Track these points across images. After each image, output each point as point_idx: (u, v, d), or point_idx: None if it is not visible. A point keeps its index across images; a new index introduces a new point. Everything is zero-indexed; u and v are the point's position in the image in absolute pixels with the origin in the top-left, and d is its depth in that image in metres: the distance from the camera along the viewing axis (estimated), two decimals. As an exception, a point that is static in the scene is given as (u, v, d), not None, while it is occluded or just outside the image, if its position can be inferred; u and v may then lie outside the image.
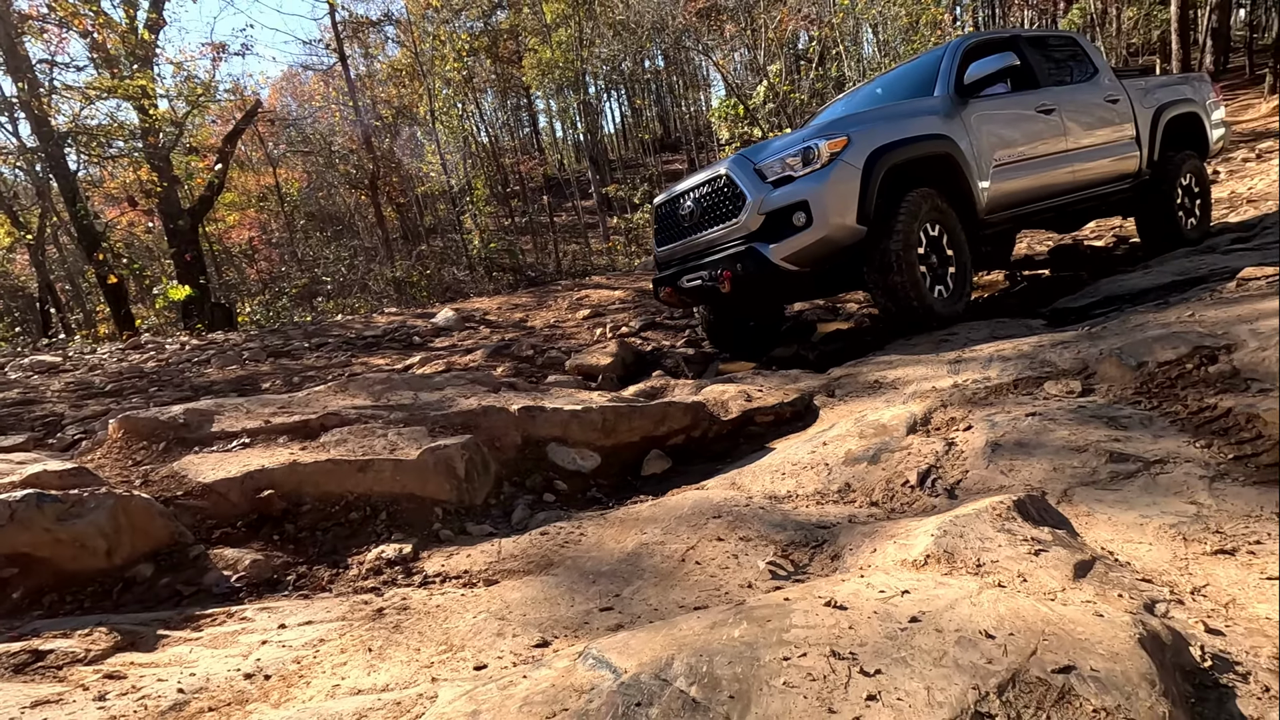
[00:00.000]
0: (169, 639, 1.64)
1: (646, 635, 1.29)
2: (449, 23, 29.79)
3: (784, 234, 3.83)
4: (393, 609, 1.73)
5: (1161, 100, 5.34)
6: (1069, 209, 4.97)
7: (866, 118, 4.15)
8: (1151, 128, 5.24)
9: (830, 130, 3.93)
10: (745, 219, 3.98)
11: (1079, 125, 4.82)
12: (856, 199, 3.78)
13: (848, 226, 3.80)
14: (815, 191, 3.75)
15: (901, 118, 4.17)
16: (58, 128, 11.44)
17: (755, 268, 3.89)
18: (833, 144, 3.80)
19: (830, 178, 3.76)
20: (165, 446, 2.56)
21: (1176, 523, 1.52)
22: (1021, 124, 4.58)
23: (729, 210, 4.13)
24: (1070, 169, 4.75)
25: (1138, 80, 5.39)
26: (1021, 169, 4.51)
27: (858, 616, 1.20)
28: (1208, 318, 2.49)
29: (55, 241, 22.00)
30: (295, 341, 7.63)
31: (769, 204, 3.90)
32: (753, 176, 4.00)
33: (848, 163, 3.79)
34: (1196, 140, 5.66)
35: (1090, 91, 5.03)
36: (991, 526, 1.48)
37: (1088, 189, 4.94)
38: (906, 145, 3.98)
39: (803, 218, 3.77)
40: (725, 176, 4.14)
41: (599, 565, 1.86)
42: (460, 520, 2.30)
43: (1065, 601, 1.21)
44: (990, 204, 4.36)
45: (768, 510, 2.04)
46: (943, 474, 2.04)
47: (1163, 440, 1.88)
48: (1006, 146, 4.45)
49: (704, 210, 4.33)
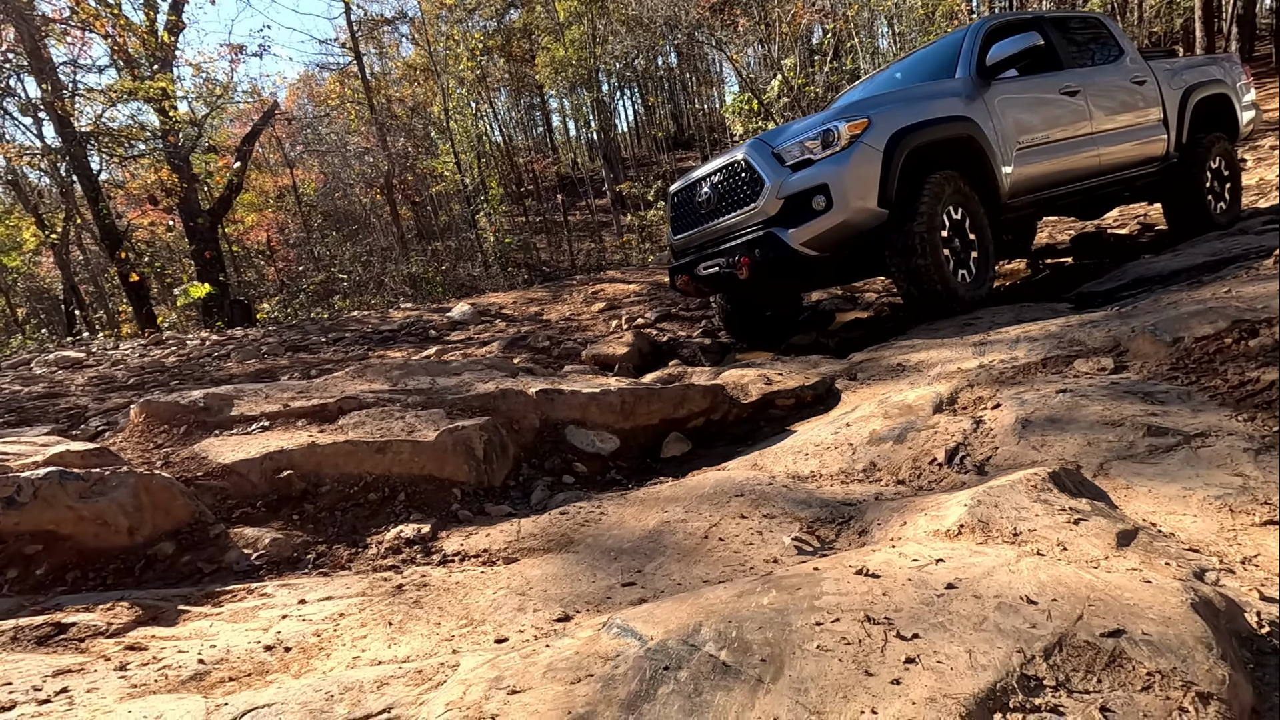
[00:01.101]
0: (190, 614, 1.63)
1: (673, 605, 1.26)
2: (463, 22, 29.93)
3: (803, 218, 3.75)
4: (412, 585, 1.71)
5: (1190, 81, 5.21)
6: (1094, 193, 4.85)
7: (887, 99, 4.08)
8: (1180, 110, 5.11)
9: (850, 112, 3.85)
10: (763, 203, 3.91)
11: (1104, 108, 4.71)
12: (878, 182, 3.70)
13: (869, 209, 3.73)
14: (835, 174, 3.68)
15: (923, 99, 4.08)
16: (80, 129, 11.62)
17: (774, 253, 3.82)
18: (853, 126, 3.72)
19: (851, 160, 3.68)
20: (186, 430, 2.56)
21: (1222, 494, 1.46)
22: (1045, 106, 4.48)
23: (747, 195, 4.05)
24: (1095, 152, 4.64)
25: (1165, 61, 5.26)
26: (1045, 152, 4.41)
27: (891, 584, 1.16)
28: (1245, 293, 2.41)
29: (79, 243, 22.39)
30: (312, 336, 7.68)
31: (788, 188, 3.82)
32: (771, 160, 3.92)
33: (869, 145, 3.72)
34: (1226, 122, 5.51)
35: (1115, 73, 4.91)
36: (1027, 497, 1.43)
37: (1113, 173, 4.82)
38: (929, 127, 3.90)
39: (822, 201, 3.70)
40: (743, 161, 4.07)
41: (620, 543, 1.83)
42: (479, 501, 2.28)
43: (1110, 569, 1.17)
44: (1013, 188, 4.26)
45: (791, 489, 1.99)
46: (972, 451, 1.99)
47: (1202, 414, 1.82)
48: (1030, 129, 4.35)
49: (721, 196, 4.25)
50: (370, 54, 24.91)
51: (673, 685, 0.94)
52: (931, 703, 0.84)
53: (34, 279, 25.11)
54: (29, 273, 23.83)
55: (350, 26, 15.03)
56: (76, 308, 18.42)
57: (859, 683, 0.90)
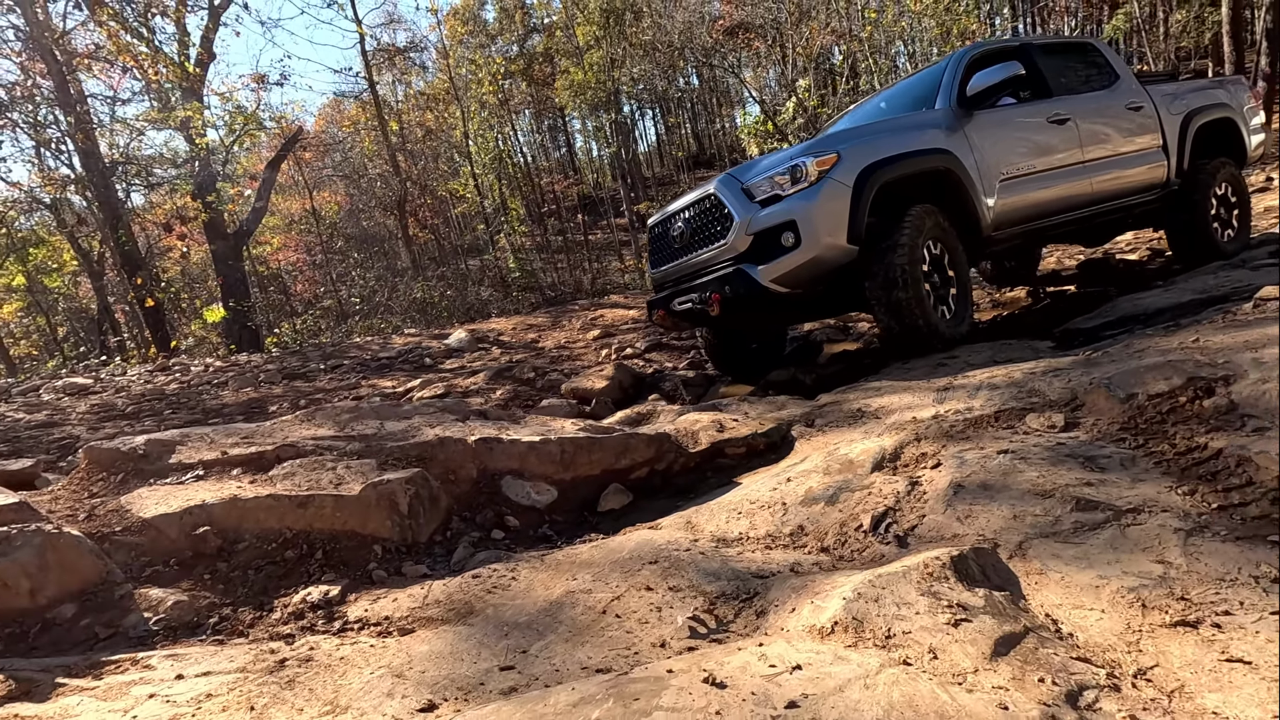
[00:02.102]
0: (64, 688, 1.59)
1: (511, 710, 1.17)
2: (485, 47, 30.55)
3: (773, 254, 3.68)
4: (295, 660, 1.65)
5: (1191, 106, 5.03)
6: (1089, 223, 4.69)
7: (861, 133, 4.00)
8: (1180, 135, 4.94)
9: (820, 147, 3.77)
10: (733, 240, 3.84)
11: (1096, 135, 4.57)
12: (847, 218, 3.62)
13: (838, 246, 3.64)
14: (804, 210, 3.60)
15: (898, 132, 3.99)
16: (108, 157, 12.02)
17: (744, 290, 3.74)
18: (821, 162, 3.65)
19: (819, 196, 3.61)
20: (122, 478, 2.55)
21: (1138, 585, 1.34)
22: (1031, 135, 4.35)
23: (717, 231, 3.99)
24: (1088, 181, 4.49)
25: (1165, 86, 5.08)
26: (1031, 182, 4.27)
27: (733, 698, 1.06)
28: (1212, 344, 2.27)
29: (116, 267, 23.12)
30: (312, 363, 7.75)
31: (757, 224, 3.76)
32: (740, 196, 3.86)
33: (837, 180, 3.64)
34: (1233, 147, 5.31)
35: (1109, 99, 4.77)
36: (915, 589, 1.32)
37: (1109, 201, 4.66)
38: (901, 161, 3.80)
39: (791, 238, 3.62)
40: (713, 196, 4.01)
41: (518, 615, 1.75)
42: (399, 559, 2.22)
43: (972, 687, 1.06)
44: (997, 220, 4.13)
45: (708, 556, 1.90)
46: (899, 518, 1.87)
47: (1141, 485, 1.69)
48: (1014, 159, 4.22)
49: (694, 231, 4.20)
50: (386, 82, 25.50)
51: (440, 831, 0.86)
52: None
53: (74, 299, 25.99)
54: (69, 293, 24.68)
55: (364, 57, 15.41)
56: (110, 328, 18.98)
57: (633, 839, 0.81)
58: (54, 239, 20.20)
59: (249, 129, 14.49)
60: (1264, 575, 1.31)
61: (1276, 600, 1.24)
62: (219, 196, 11.11)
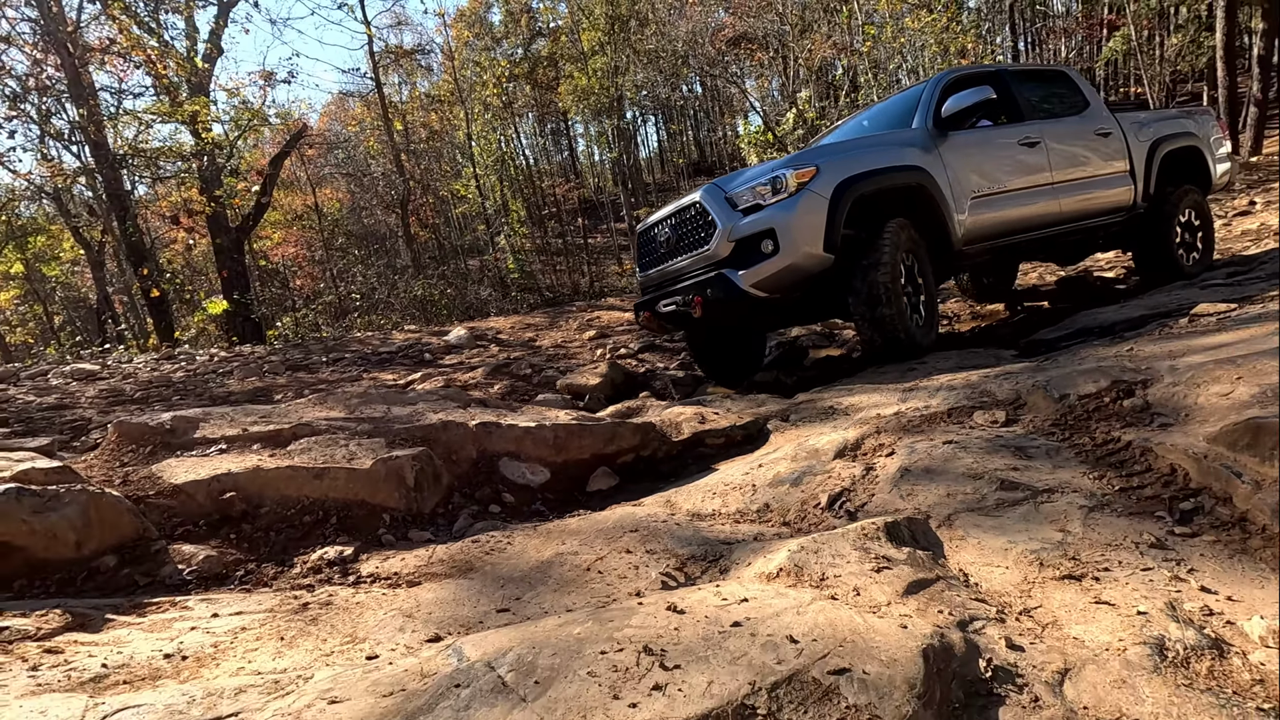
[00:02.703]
0: (114, 622, 1.82)
1: (508, 632, 1.41)
2: (490, 50, 30.85)
3: (753, 260, 3.90)
4: (317, 604, 1.88)
5: (1158, 134, 5.31)
6: (1057, 241, 4.95)
7: (840, 148, 4.25)
8: (1147, 161, 5.21)
9: (799, 160, 4.01)
10: (716, 246, 4.06)
11: (1064, 158, 4.81)
12: (824, 228, 3.84)
13: (815, 255, 3.86)
14: (783, 219, 3.82)
15: (875, 148, 4.24)
16: (117, 149, 12.24)
17: (725, 293, 3.96)
18: (800, 174, 3.87)
19: (798, 207, 3.83)
20: (151, 450, 2.78)
21: (1039, 549, 1.58)
22: (1002, 157, 4.59)
23: (701, 237, 4.21)
24: (1056, 201, 4.75)
25: (1134, 114, 5.36)
26: (1001, 201, 4.52)
27: (689, 620, 1.30)
28: (1143, 353, 2.52)
29: (116, 258, 23.27)
30: (314, 356, 7.97)
31: (738, 231, 3.97)
32: (724, 204, 4.08)
33: (815, 192, 3.86)
34: (1198, 174, 5.59)
35: (1078, 124, 5.02)
36: (851, 545, 1.56)
37: (1076, 221, 4.92)
38: (876, 176, 4.03)
39: (770, 245, 3.84)
40: (698, 205, 4.23)
41: (513, 572, 1.98)
42: (405, 527, 2.45)
43: (884, 614, 1.30)
44: (967, 235, 4.37)
45: (682, 527, 2.14)
46: (852, 497, 2.12)
47: (1060, 471, 1.94)
48: (986, 179, 4.46)
49: (679, 237, 4.43)
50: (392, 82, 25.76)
51: (452, 700, 1.09)
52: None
53: (72, 289, 26.11)
54: (68, 283, 24.81)
55: (372, 57, 15.67)
56: (109, 318, 19.12)
57: (602, 704, 1.05)
58: (54, 227, 20.37)
59: (254, 125, 14.73)
60: (1144, 541, 1.55)
61: (1149, 559, 1.49)
62: (225, 190, 11.32)
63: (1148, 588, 1.39)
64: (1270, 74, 20.69)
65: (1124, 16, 25.12)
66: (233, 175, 11.98)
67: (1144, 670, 1.14)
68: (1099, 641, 1.24)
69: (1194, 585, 1.39)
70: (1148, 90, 25.10)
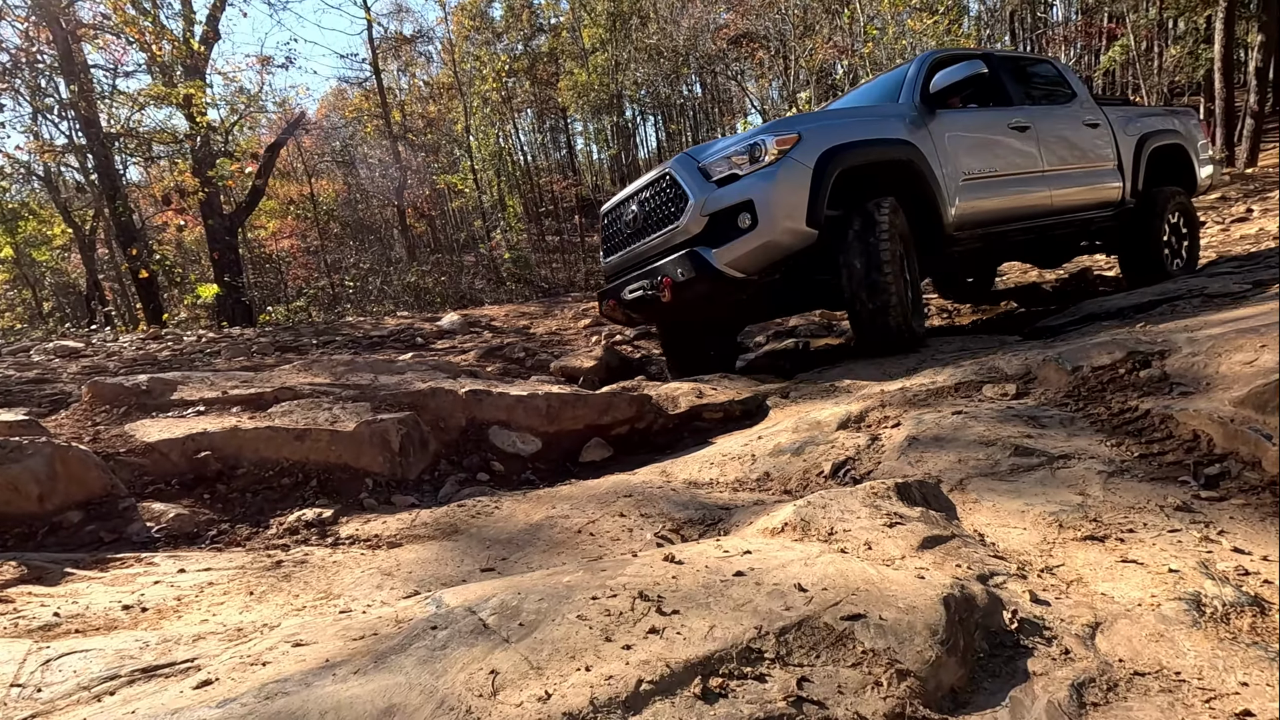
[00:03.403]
0: (73, 576, 1.71)
1: (491, 583, 1.31)
2: (491, 44, 30.72)
3: (728, 237, 3.49)
4: (291, 562, 1.78)
5: (1145, 129, 5.16)
6: (1047, 234, 4.67)
7: (824, 116, 4.00)
8: (1135, 156, 5.03)
9: (781, 127, 3.63)
10: (687, 221, 3.63)
11: (1054, 147, 4.60)
12: (806, 200, 3.46)
13: (796, 230, 3.48)
14: (761, 190, 3.44)
15: (862, 119, 3.90)
16: (108, 129, 12.06)
17: (697, 274, 3.51)
18: (781, 141, 3.49)
19: (778, 176, 3.45)
20: (125, 410, 2.66)
21: (1057, 511, 1.49)
22: (993, 139, 4.34)
23: (672, 213, 3.78)
24: (1047, 191, 4.52)
25: (1120, 109, 5.23)
26: (994, 186, 4.25)
27: (688, 570, 1.21)
28: (1157, 328, 2.44)
29: (107, 242, 23.03)
30: (305, 339, 7.84)
31: (712, 204, 3.57)
32: (697, 175, 3.67)
33: (798, 161, 3.48)
34: (1183, 176, 5.44)
35: (1067, 114, 4.82)
36: (860, 502, 1.47)
37: (1066, 214, 4.68)
38: (864, 147, 3.69)
39: (748, 219, 3.45)
40: (669, 176, 3.79)
41: (500, 534, 1.88)
42: (389, 491, 2.35)
43: (898, 567, 1.21)
44: (959, 219, 4.05)
45: (679, 493, 2.04)
46: (857, 465, 2.03)
47: (1076, 439, 1.85)
48: (977, 160, 4.17)
49: (648, 214, 3.96)
50: (392, 71, 25.61)
51: (427, 641, 0.99)
52: (645, 664, 0.89)
53: (62, 274, 25.83)
54: (57, 268, 24.53)
55: (371, 44, 15.52)
56: (99, 303, 18.89)
57: (593, 646, 0.95)
58: (44, 211, 20.11)
59: (250, 110, 14.57)
60: (1169, 505, 1.47)
61: (1176, 521, 1.40)
62: (218, 171, 11.17)
63: (1177, 548, 1.30)
64: (1267, 87, 20.81)
65: (1123, 26, 25.24)
66: (227, 157, 11.80)
67: (1182, 625, 1.05)
68: (1130, 598, 1.15)
69: (1226, 546, 1.30)
70: (1145, 101, 25.22)
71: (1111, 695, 0.90)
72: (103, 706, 0.94)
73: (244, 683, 0.94)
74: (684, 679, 0.87)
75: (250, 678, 0.95)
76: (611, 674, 0.87)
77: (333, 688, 0.89)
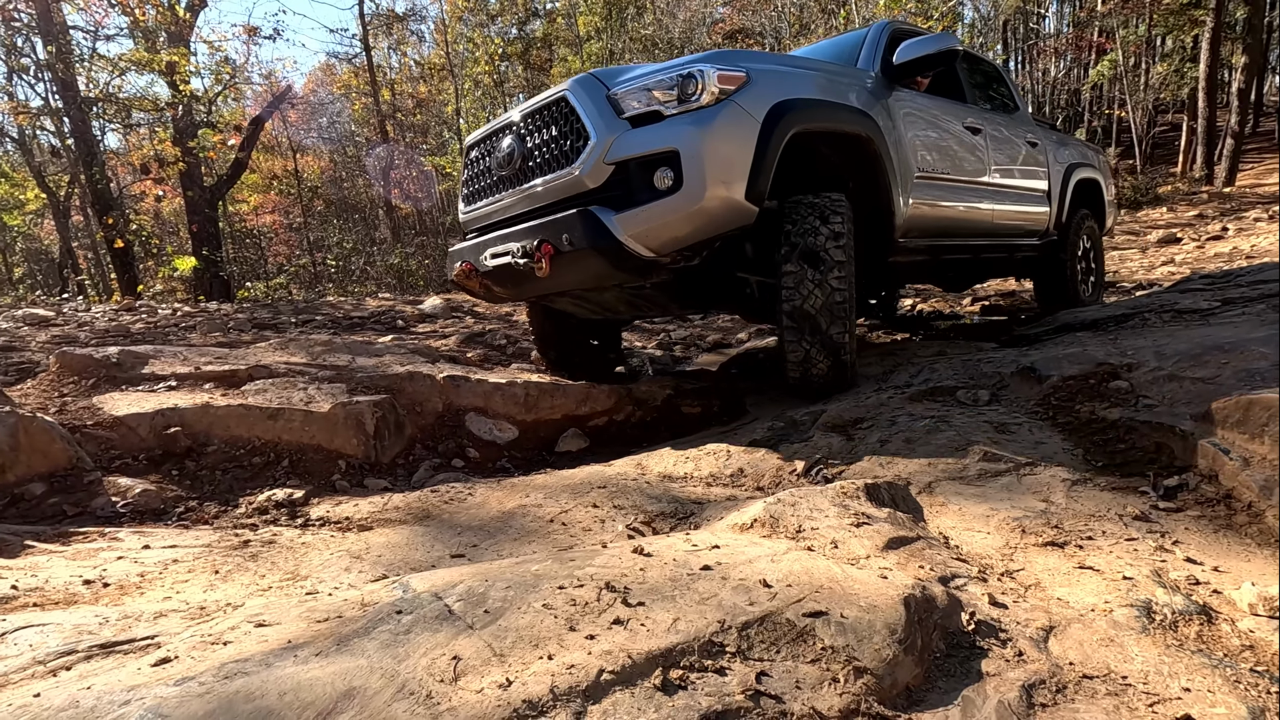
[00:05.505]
0: (34, 549, 1.68)
1: (461, 569, 1.31)
2: (485, 26, 30.38)
3: (638, 199, 2.51)
4: (259, 542, 1.76)
5: (1073, 159, 4.92)
6: (981, 254, 4.06)
7: (776, 58, 3.16)
8: (1063, 185, 4.71)
9: (725, 59, 2.65)
10: (584, 169, 2.59)
11: (1000, 159, 4.06)
12: (750, 163, 2.54)
13: (732, 203, 2.52)
14: (692, 140, 2.46)
15: (822, 74, 3.02)
16: (86, 93, 11.76)
17: (590, 244, 2.51)
18: (725, 78, 2.54)
19: (716, 124, 2.49)
20: (94, 383, 2.61)
21: (1021, 516, 1.52)
22: (949, 136, 3.67)
23: (563, 154, 2.71)
24: (990, 206, 3.98)
25: (1051, 132, 4.99)
26: (945, 190, 3.57)
27: (656, 562, 1.22)
28: (1129, 342, 2.49)
29: (82, 209, 22.49)
30: (283, 317, 7.73)
31: (621, 149, 2.55)
32: (604, 106, 2.62)
33: (742, 107, 2.55)
34: (1096, 209, 5.24)
35: (1011, 126, 4.32)
36: (829, 501, 1.49)
37: (1003, 237, 4.19)
38: (823, 109, 2.85)
39: (669, 177, 2.47)
40: (564, 101, 2.73)
41: (472, 521, 1.88)
42: (362, 475, 2.33)
43: (863, 566, 1.23)
44: (909, 223, 3.29)
45: (653, 485, 2.05)
46: (830, 465, 2.05)
47: (1043, 446, 1.89)
48: (932, 155, 3.49)
49: (528, 152, 2.87)
50: (382, 49, 25.25)
51: (391, 625, 0.99)
52: (607, 655, 0.90)
53: (34, 240, 25.22)
54: (29, 233, 23.94)
55: (362, 19, 15.28)
56: (71, 271, 18.48)
57: (557, 635, 0.96)
58: (17, 174, 19.60)
59: (235, 81, 14.29)
60: (1127, 514, 1.50)
61: (1133, 530, 1.44)
62: (199, 142, 10.95)
63: (1132, 556, 1.34)
64: (1248, 108, 21.23)
65: (1113, 41, 25.58)
66: (209, 127, 11.57)
67: (1132, 631, 1.08)
68: (1084, 603, 1.18)
69: (1179, 556, 1.34)
70: (1131, 116, 25.61)
71: (1060, 697, 0.92)
72: (58, 681, 0.93)
73: (203, 661, 0.93)
74: (645, 670, 0.88)
75: (210, 657, 0.95)
76: (574, 663, 0.88)
77: (293, 669, 0.88)
